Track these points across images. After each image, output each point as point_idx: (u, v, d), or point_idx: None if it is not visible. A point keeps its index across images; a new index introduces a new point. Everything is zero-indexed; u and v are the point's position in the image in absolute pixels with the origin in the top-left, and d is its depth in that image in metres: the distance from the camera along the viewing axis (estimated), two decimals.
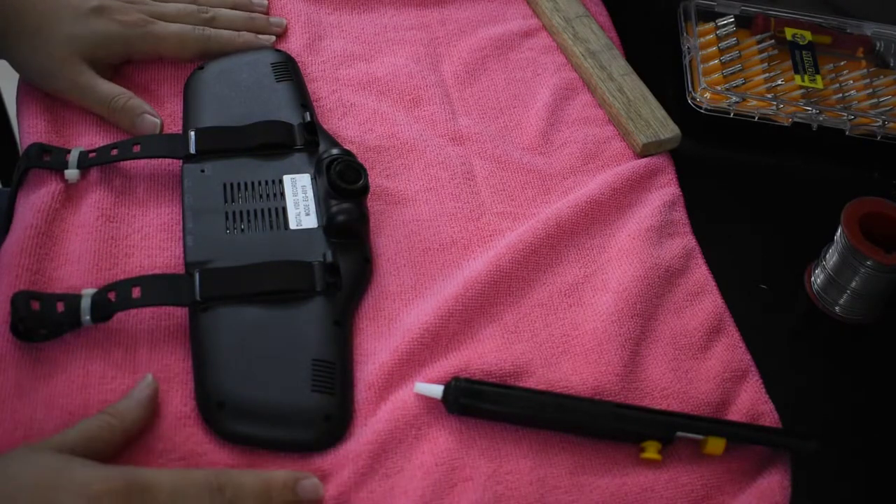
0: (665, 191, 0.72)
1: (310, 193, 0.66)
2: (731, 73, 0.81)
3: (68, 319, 0.57)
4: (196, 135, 0.68)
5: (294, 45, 0.77)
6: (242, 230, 0.63)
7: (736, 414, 0.61)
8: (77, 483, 0.48)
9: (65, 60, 0.69)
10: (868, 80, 0.82)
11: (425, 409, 0.58)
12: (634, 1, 0.90)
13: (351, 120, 0.73)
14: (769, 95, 0.80)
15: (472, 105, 0.77)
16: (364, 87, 0.76)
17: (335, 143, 0.69)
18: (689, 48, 0.83)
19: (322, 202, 0.65)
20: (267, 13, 0.79)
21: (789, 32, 0.85)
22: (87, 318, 0.57)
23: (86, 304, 0.57)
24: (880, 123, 0.79)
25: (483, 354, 0.61)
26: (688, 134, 0.76)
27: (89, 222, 0.63)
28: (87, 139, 0.69)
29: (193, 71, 0.74)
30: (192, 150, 0.67)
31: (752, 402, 0.61)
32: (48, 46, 0.68)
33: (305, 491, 0.53)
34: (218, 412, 0.55)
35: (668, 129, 0.75)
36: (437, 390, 0.57)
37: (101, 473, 0.49)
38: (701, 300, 0.66)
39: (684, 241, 0.70)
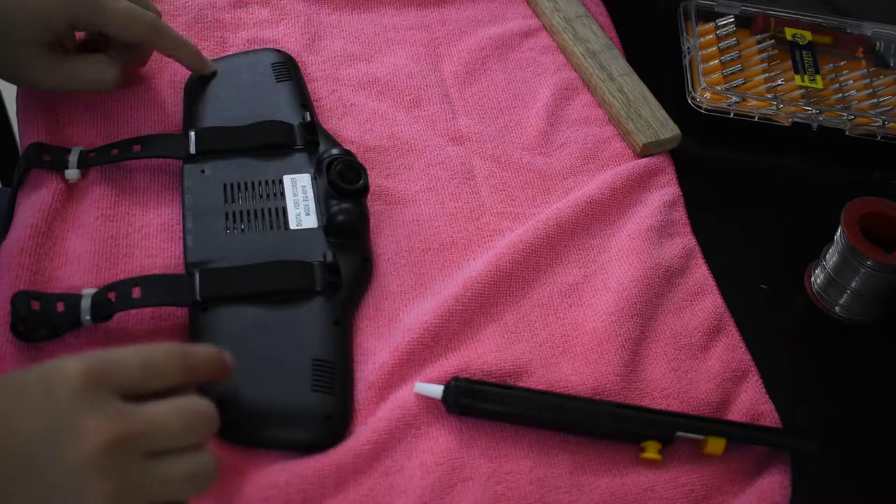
0: (665, 191, 0.72)
1: (310, 193, 0.66)
2: (731, 73, 0.81)
3: (68, 319, 0.57)
4: (196, 135, 0.68)
5: (294, 45, 0.77)
6: (242, 230, 0.63)
7: (736, 414, 0.61)
8: None
9: (31, 57, 0.64)
10: (868, 80, 0.82)
11: (425, 408, 0.58)
12: (634, 1, 0.90)
13: (351, 120, 0.73)
14: (769, 95, 0.79)
15: (472, 105, 0.77)
16: (364, 87, 0.76)
17: (335, 143, 0.69)
18: (689, 48, 0.82)
19: (322, 202, 0.65)
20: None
21: (789, 32, 0.85)
22: (88, 318, 0.57)
23: (86, 304, 0.57)
24: (880, 123, 0.79)
25: (483, 354, 0.61)
26: (688, 134, 0.76)
27: (89, 222, 0.63)
28: (87, 139, 0.69)
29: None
30: (193, 150, 0.67)
31: (752, 402, 0.61)
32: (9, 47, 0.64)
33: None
34: (218, 412, 0.55)
35: (668, 129, 0.75)
36: (437, 390, 0.57)
37: None
38: (701, 300, 0.66)
39: (684, 241, 0.70)
